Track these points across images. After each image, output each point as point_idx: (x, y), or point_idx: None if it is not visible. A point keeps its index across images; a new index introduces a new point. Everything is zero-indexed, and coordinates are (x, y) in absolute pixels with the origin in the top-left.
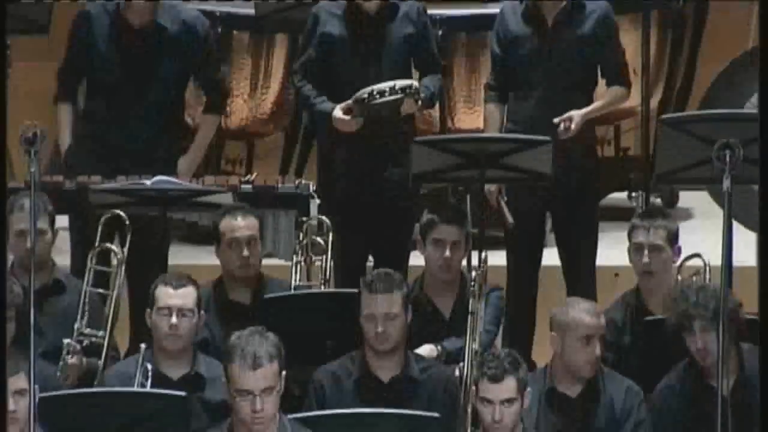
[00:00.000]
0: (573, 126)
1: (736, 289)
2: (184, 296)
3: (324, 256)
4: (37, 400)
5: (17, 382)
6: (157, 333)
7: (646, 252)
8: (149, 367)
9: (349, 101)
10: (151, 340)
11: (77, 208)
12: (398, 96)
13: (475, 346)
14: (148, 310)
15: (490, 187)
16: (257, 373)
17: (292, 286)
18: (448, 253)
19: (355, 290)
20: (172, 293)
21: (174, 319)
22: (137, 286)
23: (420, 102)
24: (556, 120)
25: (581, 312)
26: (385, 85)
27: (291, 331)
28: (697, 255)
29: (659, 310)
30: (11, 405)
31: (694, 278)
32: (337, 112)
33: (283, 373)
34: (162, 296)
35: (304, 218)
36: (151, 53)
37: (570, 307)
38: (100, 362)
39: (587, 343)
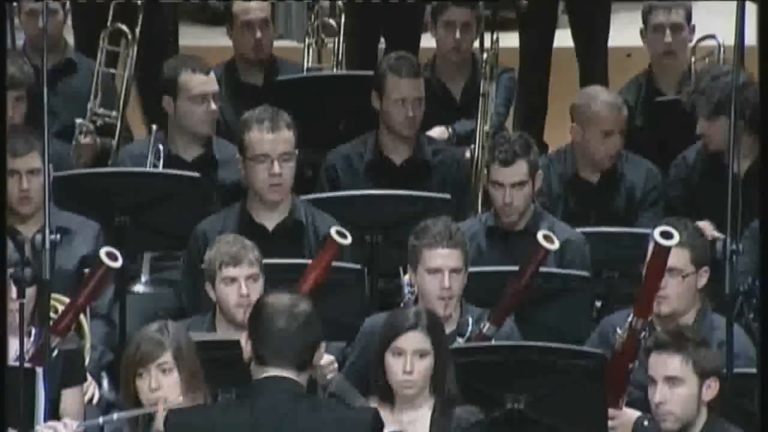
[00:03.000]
0: None
1: (749, 70)
2: (214, 81)
3: (336, 38)
4: (51, 179)
5: (30, 161)
6: (192, 120)
7: (668, 32)
8: (161, 148)
9: None
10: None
11: None
12: None
13: (486, 128)
14: (167, 97)
15: None
16: (275, 136)
17: (304, 68)
18: (458, 34)
19: (368, 72)
20: (204, 79)
21: (213, 105)
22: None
23: None
24: None
25: (603, 106)
26: None
27: (303, 113)
28: (711, 36)
29: (672, 91)
30: (24, 184)
31: (707, 60)
32: None
33: (296, 151)
34: (197, 84)
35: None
36: None
37: (592, 99)
38: (113, 142)
39: (608, 136)
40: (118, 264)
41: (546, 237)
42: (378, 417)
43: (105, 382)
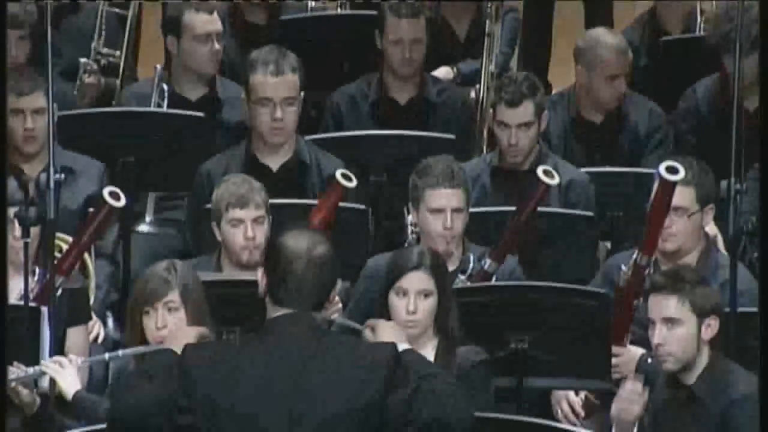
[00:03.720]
0: None
1: None
2: (217, 21)
3: None
4: (55, 118)
5: (35, 100)
6: (196, 60)
7: None
8: (165, 87)
9: None
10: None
11: None
12: None
13: (491, 67)
14: (171, 37)
15: None
16: (279, 80)
17: (308, 8)
18: None
19: (372, 12)
20: (207, 18)
21: (217, 45)
22: None
23: None
24: None
25: (608, 50)
26: None
27: (308, 53)
28: None
29: (677, 30)
30: (29, 123)
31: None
32: None
33: (302, 93)
34: (198, 23)
35: None
36: None
37: (597, 43)
38: (117, 82)
39: (613, 80)
40: (122, 203)
41: (546, 172)
42: (398, 352)
43: (110, 321)
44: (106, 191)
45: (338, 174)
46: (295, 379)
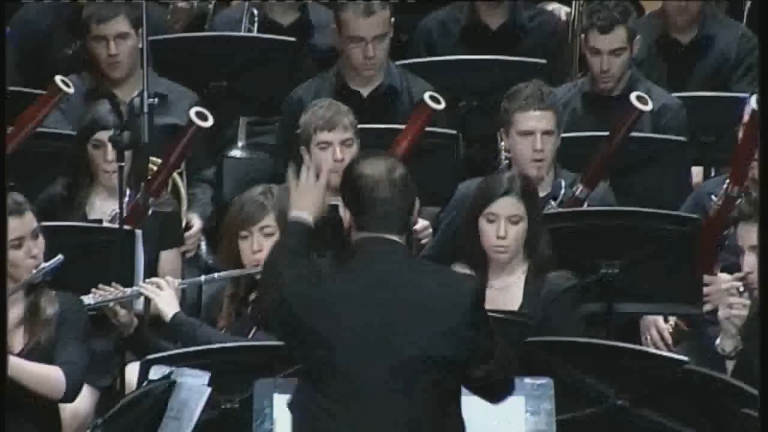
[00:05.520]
0: None
1: None
2: None
3: None
4: (148, 44)
5: (117, 25)
6: None
7: None
8: (255, 12)
9: None
10: None
11: None
12: None
13: None
14: None
15: None
16: (370, 19)
17: None
18: None
19: None
20: None
21: None
22: None
23: None
24: None
25: None
26: None
27: None
28: None
29: None
30: (112, 48)
31: None
32: None
33: (392, 19)
34: None
35: None
36: None
37: None
38: (210, 6)
39: None
40: (208, 124)
41: (639, 98)
42: (482, 288)
43: (203, 245)
44: (192, 111)
45: (426, 96)
46: (384, 301)
